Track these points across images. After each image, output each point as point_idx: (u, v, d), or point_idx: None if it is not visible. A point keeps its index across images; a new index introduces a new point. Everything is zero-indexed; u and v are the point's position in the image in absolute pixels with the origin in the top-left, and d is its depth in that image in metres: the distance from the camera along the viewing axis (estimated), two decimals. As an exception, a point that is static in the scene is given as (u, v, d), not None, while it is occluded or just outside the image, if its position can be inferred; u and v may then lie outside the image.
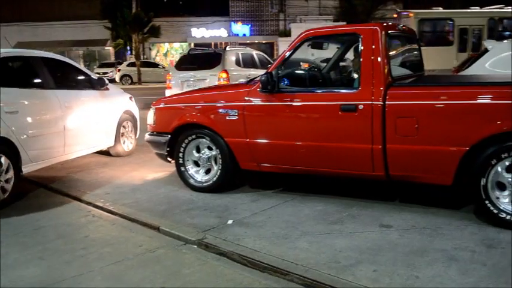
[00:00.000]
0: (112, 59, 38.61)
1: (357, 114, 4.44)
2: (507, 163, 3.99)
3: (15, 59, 6.08)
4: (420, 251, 3.65)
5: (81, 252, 3.92)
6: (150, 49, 39.51)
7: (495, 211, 4.04)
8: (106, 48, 39.39)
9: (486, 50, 6.82)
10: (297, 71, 5.20)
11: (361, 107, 4.42)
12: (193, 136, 5.36)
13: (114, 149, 7.42)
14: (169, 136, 5.50)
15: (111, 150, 7.43)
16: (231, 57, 11.91)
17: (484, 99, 4.09)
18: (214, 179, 5.30)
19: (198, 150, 5.42)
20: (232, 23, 39.14)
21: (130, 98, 7.88)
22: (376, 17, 34.64)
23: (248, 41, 38.86)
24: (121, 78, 31.98)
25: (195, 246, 3.97)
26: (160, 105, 5.78)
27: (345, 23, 34.03)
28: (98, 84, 6.96)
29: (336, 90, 4.98)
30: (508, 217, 3.99)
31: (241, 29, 39.21)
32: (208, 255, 3.79)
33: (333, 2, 36.03)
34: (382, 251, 3.66)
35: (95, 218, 4.81)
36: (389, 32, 4.76)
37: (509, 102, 3.95)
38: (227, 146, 5.15)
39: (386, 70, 4.46)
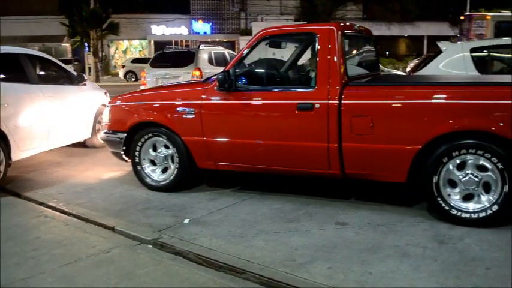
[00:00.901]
0: (69, 55, 37.67)
1: (313, 113, 4.48)
2: (458, 161, 4.10)
3: (4, 55, 6.29)
4: (374, 247, 3.71)
5: (32, 253, 3.80)
6: (108, 46, 38.78)
7: (447, 208, 4.16)
8: (63, 44, 38.41)
9: (440, 51, 6.98)
10: (254, 70, 5.20)
11: (317, 106, 4.46)
12: (150, 135, 5.29)
13: (91, 140, 7.78)
14: (125, 135, 5.41)
15: (88, 142, 7.82)
16: (203, 56, 12.55)
17: (436, 99, 4.19)
18: (171, 178, 5.24)
19: (155, 149, 5.35)
20: (193, 21, 38.86)
21: (105, 93, 8.26)
22: (336, 17, 35.12)
23: (209, 39, 38.69)
24: (125, 74, 31.44)
25: (150, 246, 3.91)
26: (117, 104, 5.68)
27: (305, 23, 34.44)
28: (76, 80, 7.42)
29: (292, 89, 5.00)
30: (459, 213, 4.12)
31: (202, 27, 38.98)
32: (164, 255, 3.74)
33: (294, 1, 36.30)
34: (337, 248, 3.70)
35: (47, 218, 4.67)
36: (345, 31, 4.82)
37: (460, 102, 4.09)
38: (184, 144, 5.11)
39: (342, 69, 4.51)
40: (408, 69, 11.28)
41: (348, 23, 5.25)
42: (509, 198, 3.96)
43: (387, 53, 34.97)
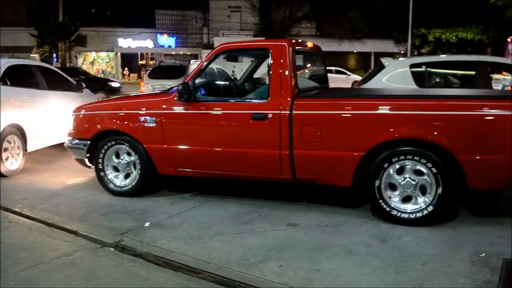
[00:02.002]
0: (38, 66, 36.61)
1: (267, 122, 4.51)
2: (397, 166, 4.22)
3: (20, 66, 7.24)
4: (322, 246, 3.75)
5: (-6, 258, 3.65)
6: (76, 57, 37.89)
7: (388, 209, 4.26)
8: (32, 55, 37.23)
9: (383, 67, 7.17)
10: (212, 82, 5.20)
11: (270, 116, 4.49)
12: (113, 142, 5.19)
13: None
14: (89, 142, 5.30)
15: None
16: (193, 69, 13.30)
17: (378, 110, 4.29)
18: (133, 183, 5.16)
19: (118, 156, 5.26)
20: (158, 34, 38.53)
21: (98, 98, 9.07)
22: (292, 33, 35.49)
23: (173, 52, 38.46)
24: None
25: (112, 249, 3.83)
26: (81, 112, 5.55)
27: (264, 38, 34.68)
28: (75, 87, 8.18)
29: (247, 100, 5.02)
30: (399, 214, 4.22)
31: (166, 40, 38.70)
32: (125, 257, 3.67)
33: (253, 18, 36.46)
34: (288, 248, 3.72)
35: (11, 223, 4.49)
36: (296, 47, 4.88)
37: (399, 113, 4.22)
38: (146, 152, 5.04)
39: (293, 82, 4.57)
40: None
41: (299, 40, 5.32)
42: (443, 199, 4.10)
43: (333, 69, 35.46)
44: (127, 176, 5.26)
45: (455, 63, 7.44)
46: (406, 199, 4.27)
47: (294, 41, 4.93)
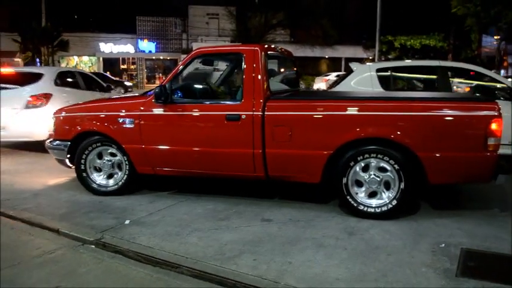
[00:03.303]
0: (21, 70, 35.76)
1: (240, 123, 4.52)
2: (363, 164, 4.29)
3: (66, 72, 9.56)
4: (294, 240, 3.77)
5: (-24, 257, 3.56)
6: (59, 62, 37.14)
7: (355, 204, 4.32)
8: (15, 60, 36.39)
9: (351, 71, 7.24)
10: (188, 85, 5.16)
11: (243, 116, 4.51)
12: (99, 144, 5.13)
13: None
14: (70, 143, 5.23)
15: None
16: None
17: (344, 111, 4.35)
18: (120, 183, 5.13)
19: (100, 157, 5.19)
20: (139, 40, 38.13)
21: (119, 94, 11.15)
22: (267, 39, 35.56)
23: (154, 57, 38.13)
24: None
25: (93, 246, 3.77)
26: (62, 114, 5.46)
27: (240, 43, 34.64)
28: (105, 88, 10.12)
29: (222, 102, 5.02)
30: (365, 209, 4.29)
31: (147, 45, 38.29)
32: (105, 254, 3.62)
33: (230, 25, 36.40)
34: (262, 242, 3.73)
35: (-7, 223, 4.40)
36: (268, 52, 4.90)
37: (364, 113, 4.29)
38: (125, 152, 4.99)
39: (265, 85, 4.59)
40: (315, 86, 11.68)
41: (271, 45, 5.34)
42: (405, 194, 4.20)
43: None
44: (109, 176, 5.20)
45: (418, 67, 7.58)
46: (371, 194, 4.34)
47: (266, 46, 4.95)
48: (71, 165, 5.35)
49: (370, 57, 31.44)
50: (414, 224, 4.14)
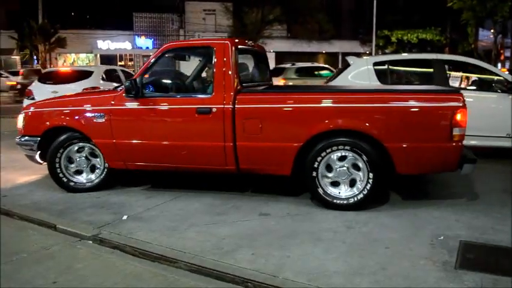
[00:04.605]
0: (18, 67, 35.62)
1: (211, 116, 4.50)
2: (332, 156, 4.35)
3: (110, 70, 11.71)
4: (292, 234, 3.74)
5: (-27, 253, 3.52)
6: (56, 59, 37.01)
7: (325, 196, 4.38)
8: (13, 57, 36.26)
9: (348, 65, 7.20)
10: (159, 79, 5.09)
11: (214, 110, 4.49)
12: (75, 140, 5.05)
13: None
14: (39, 139, 5.12)
15: None
16: None
17: (313, 104, 4.39)
18: (98, 179, 5.12)
19: (77, 152, 5.12)
20: (136, 36, 37.96)
21: None
22: (264, 35, 35.45)
23: (151, 54, 37.74)
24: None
25: (90, 242, 3.75)
26: (31, 110, 5.35)
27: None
28: None
29: (193, 96, 5.01)
30: (335, 200, 4.36)
31: (144, 42, 38.13)
32: (102, 249, 3.60)
33: (227, 21, 36.26)
34: (259, 236, 3.70)
35: (-10, 220, 4.36)
36: (239, 46, 4.87)
37: (332, 105, 4.35)
38: (96, 146, 4.95)
39: (235, 78, 4.58)
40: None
41: (241, 39, 5.30)
42: (374, 184, 4.25)
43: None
44: (80, 172, 5.16)
45: (415, 61, 7.54)
46: (340, 185, 4.39)
47: (236, 40, 4.93)
48: (41, 161, 5.25)
49: (367, 52, 31.43)
50: (412, 217, 4.11)
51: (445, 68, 6.84)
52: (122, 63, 39.38)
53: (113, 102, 4.84)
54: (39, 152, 5.18)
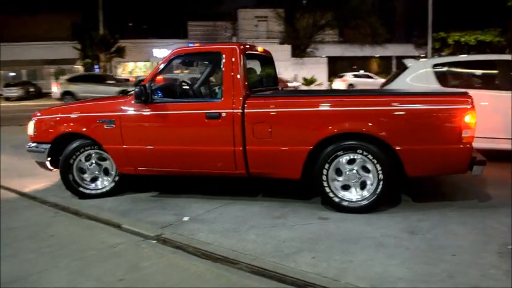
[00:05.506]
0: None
1: (221, 120, 4.50)
2: (342, 159, 4.31)
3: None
4: (353, 238, 3.67)
5: (47, 249, 3.70)
6: (116, 67, 38.62)
7: (336, 200, 4.36)
8: (76, 66, 38.18)
9: (405, 68, 6.99)
10: (168, 85, 5.12)
11: (224, 114, 4.49)
12: (88, 147, 5.07)
13: None
14: (50, 146, 5.16)
15: None
16: None
17: (322, 107, 4.41)
18: (112, 185, 5.16)
19: (87, 160, 5.15)
20: (190, 44, 38.74)
21: None
22: (316, 40, 35.29)
23: (205, 61, 38.52)
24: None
25: (154, 241, 3.83)
26: (41, 117, 5.35)
27: (289, 45, 34.62)
28: None
29: (202, 101, 5.03)
30: (345, 203, 4.34)
31: (198, 50, 38.94)
32: (166, 249, 3.67)
33: (278, 27, 36.41)
34: (320, 240, 3.66)
35: (61, 218, 4.57)
36: (247, 51, 4.85)
37: (341, 109, 4.34)
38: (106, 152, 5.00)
39: (244, 83, 4.57)
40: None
41: (250, 44, 5.27)
42: (384, 187, 4.24)
43: (362, 71, 35.26)
44: (95, 179, 5.20)
45: (478, 62, 7.19)
46: (351, 189, 4.36)
47: (245, 45, 4.92)
48: (52, 168, 5.29)
49: (423, 55, 30.47)
50: (480, 224, 3.91)
51: (509, 69, 6.50)
52: (178, 71, 40.42)
53: (122, 108, 4.90)
54: (49, 158, 5.20)
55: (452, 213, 4.26)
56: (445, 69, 6.75)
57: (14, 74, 39.16)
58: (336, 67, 35.42)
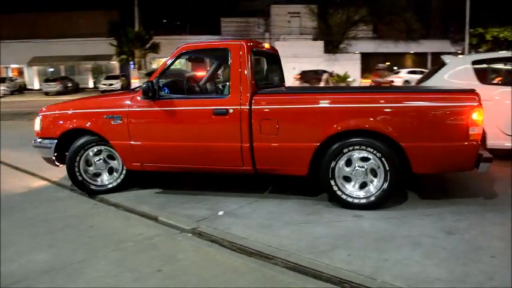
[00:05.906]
0: (117, 72, 38.33)
1: (228, 117, 4.49)
2: (348, 156, 4.32)
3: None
4: (388, 237, 3.63)
5: (87, 240, 3.82)
6: (150, 63, 39.26)
7: (343, 196, 4.36)
8: (112, 62, 39.07)
9: (443, 64, 6.82)
10: (176, 81, 5.09)
11: (231, 111, 4.48)
12: (94, 144, 5.09)
13: None
14: (56, 141, 5.17)
15: None
16: None
17: (329, 104, 4.35)
18: (119, 180, 5.20)
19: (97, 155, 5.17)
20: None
21: None
22: (349, 36, 34.83)
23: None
24: None
25: (190, 235, 3.90)
26: (48, 112, 5.36)
27: (322, 42, 34.30)
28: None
29: (209, 97, 5.02)
30: (352, 200, 4.34)
31: (231, 46, 39.09)
32: (201, 242, 3.73)
33: (311, 23, 36.10)
34: (355, 237, 3.63)
35: (100, 209, 4.71)
36: (254, 48, 4.82)
37: (348, 106, 4.31)
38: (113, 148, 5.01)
39: (251, 79, 4.55)
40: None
41: (256, 41, 5.23)
42: (391, 184, 4.23)
43: (395, 68, 34.67)
44: (98, 174, 5.22)
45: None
46: (360, 186, 4.36)
47: (251, 41, 4.89)
48: (58, 164, 5.30)
49: (459, 51, 29.63)
50: (520, 226, 3.80)
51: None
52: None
53: (129, 104, 4.89)
54: (55, 154, 5.22)
55: (489, 213, 4.15)
56: (484, 65, 6.55)
57: (52, 69, 40.42)
58: (369, 63, 34.86)
